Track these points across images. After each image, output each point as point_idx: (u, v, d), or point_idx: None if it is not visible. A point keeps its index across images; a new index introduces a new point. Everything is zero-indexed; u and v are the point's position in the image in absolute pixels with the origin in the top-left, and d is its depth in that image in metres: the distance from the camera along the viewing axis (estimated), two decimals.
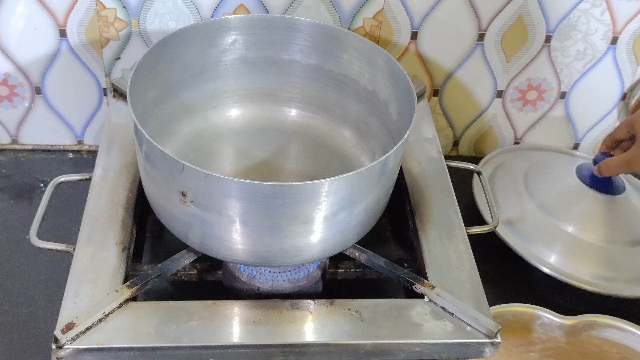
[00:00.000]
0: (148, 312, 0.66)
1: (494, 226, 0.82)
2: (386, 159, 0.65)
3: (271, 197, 0.62)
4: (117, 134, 0.85)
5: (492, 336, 0.66)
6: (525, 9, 0.95)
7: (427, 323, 0.67)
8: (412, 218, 0.79)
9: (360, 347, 0.65)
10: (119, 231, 0.73)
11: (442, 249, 0.74)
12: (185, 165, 0.61)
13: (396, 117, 0.78)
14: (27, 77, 0.97)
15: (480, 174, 0.88)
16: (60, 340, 0.62)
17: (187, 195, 0.64)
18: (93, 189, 0.77)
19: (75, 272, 0.68)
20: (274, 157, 0.86)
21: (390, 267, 0.73)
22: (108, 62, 0.96)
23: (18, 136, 1.03)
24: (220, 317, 0.66)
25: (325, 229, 0.67)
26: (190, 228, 0.68)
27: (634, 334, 0.81)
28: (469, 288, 0.70)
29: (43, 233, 0.74)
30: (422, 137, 0.89)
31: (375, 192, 0.69)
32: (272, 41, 0.84)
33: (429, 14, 0.95)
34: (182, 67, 0.81)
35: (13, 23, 0.91)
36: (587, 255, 0.89)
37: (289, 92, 0.88)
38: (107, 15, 0.92)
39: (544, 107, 1.06)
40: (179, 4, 0.91)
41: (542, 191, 0.95)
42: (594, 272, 0.88)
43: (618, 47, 1.00)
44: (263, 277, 0.74)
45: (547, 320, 0.81)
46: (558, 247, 0.90)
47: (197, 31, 0.79)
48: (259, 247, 0.67)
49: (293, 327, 0.66)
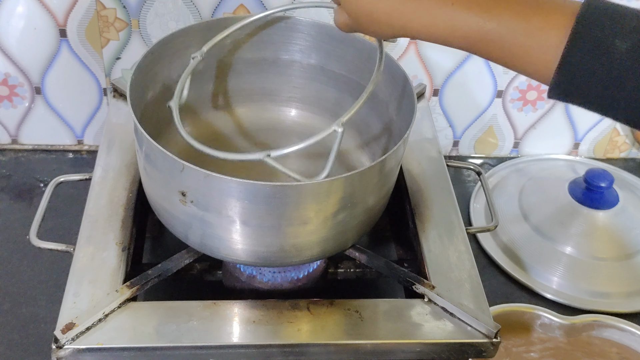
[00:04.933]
0: (148, 312, 0.66)
1: (494, 226, 0.82)
2: (386, 159, 0.65)
3: (271, 197, 0.63)
4: (117, 134, 0.85)
5: (492, 336, 0.66)
6: None
7: (427, 323, 0.67)
8: (412, 218, 0.79)
9: (360, 347, 0.65)
10: (119, 231, 0.73)
11: (442, 249, 0.74)
12: (185, 165, 0.61)
13: (396, 117, 0.78)
14: (27, 77, 0.97)
15: (481, 173, 0.88)
16: (60, 340, 0.62)
17: (187, 195, 0.64)
18: (93, 189, 0.77)
19: (75, 272, 0.68)
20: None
21: (390, 267, 0.73)
22: (108, 62, 0.96)
23: (18, 136, 1.03)
24: (220, 317, 0.66)
25: (325, 229, 0.67)
26: (190, 228, 0.68)
27: (634, 334, 0.81)
28: (469, 288, 0.70)
29: (43, 233, 0.74)
30: (422, 137, 0.89)
31: (375, 192, 0.69)
32: (272, 41, 0.84)
33: None
34: (182, 67, 0.80)
35: (13, 23, 0.91)
36: (586, 274, 0.89)
37: (289, 92, 0.88)
38: (107, 15, 0.92)
39: (544, 107, 1.06)
40: (179, 4, 0.91)
41: (537, 213, 0.95)
42: (593, 290, 0.88)
43: None
44: (263, 277, 0.74)
45: (547, 320, 0.81)
46: (559, 271, 0.90)
47: (197, 31, 0.79)
48: (259, 247, 0.67)
49: (293, 327, 0.66)
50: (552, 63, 0.49)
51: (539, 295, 0.88)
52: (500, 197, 0.99)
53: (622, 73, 0.47)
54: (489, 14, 0.52)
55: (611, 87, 0.48)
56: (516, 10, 0.51)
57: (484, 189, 0.86)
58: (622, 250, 0.92)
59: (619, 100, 0.48)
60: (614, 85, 0.48)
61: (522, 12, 0.51)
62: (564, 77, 0.50)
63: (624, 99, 0.48)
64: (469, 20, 0.53)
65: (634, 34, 0.47)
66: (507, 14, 0.52)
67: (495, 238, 0.94)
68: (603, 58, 0.48)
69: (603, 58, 0.48)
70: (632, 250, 0.92)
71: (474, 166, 0.91)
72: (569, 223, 0.93)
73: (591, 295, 0.88)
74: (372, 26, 0.59)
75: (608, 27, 0.48)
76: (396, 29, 0.57)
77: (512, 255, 0.92)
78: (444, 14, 0.53)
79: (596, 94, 0.49)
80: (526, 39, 0.51)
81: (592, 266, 0.90)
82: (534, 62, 0.51)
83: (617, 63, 0.47)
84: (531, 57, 0.51)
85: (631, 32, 0.47)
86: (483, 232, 0.92)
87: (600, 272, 0.90)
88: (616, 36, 0.47)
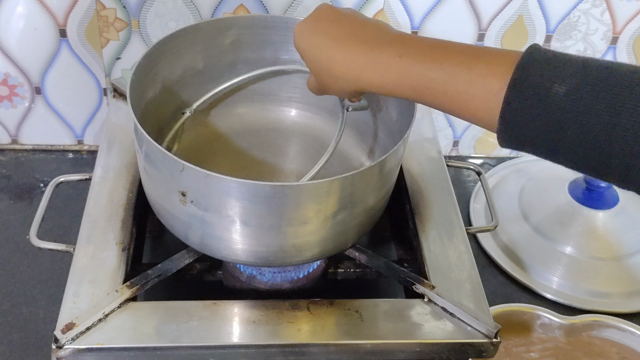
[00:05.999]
0: (148, 312, 0.66)
1: (494, 226, 0.82)
2: (386, 159, 0.65)
3: (271, 197, 0.62)
4: (117, 134, 0.85)
5: (492, 336, 0.66)
6: (526, 9, 0.95)
7: (427, 323, 0.67)
8: (412, 218, 0.79)
9: (360, 347, 0.65)
10: (119, 231, 0.73)
11: (442, 249, 0.74)
12: (185, 165, 0.61)
13: (396, 117, 0.78)
14: (27, 77, 0.97)
15: (481, 173, 0.88)
16: (60, 340, 0.62)
17: (187, 196, 0.64)
18: (93, 189, 0.77)
19: (75, 272, 0.68)
20: (274, 157, 0.86)
21: (390, 267, 0.73)
22: (108, 62, 0.96)
23: (18, 136, 1.03)
24: (220, 317, 0.66)
25: (325, 229, 0.67)
26: (190, 228, 0.68)
27: (633, 334, 0.81)
28: (469, 288, 0.70)
29: (43, 233, 0.74)
30: (422, 137, 0.89)
31: (375, 192, 0.69)
32: (272, 41, 0.84)
33: (429, 14, 0.95)
34: (182, 67, 0.81)
35: (13, 23, 0.91)
36: (586, 274, 0.89)
37: (289, 92, 0.88)
38: (107, 15, 0.92)
39: None
40: (179, 4, 0.91)
41: (537, 213, 0.95)
42: (593, 290, 0.88)
43: (618, 47, 1.00)
44: (263, 277, 0.74)
45: (547, 320, 0.81)
46: (559, 271, 0.89)
47: (197, 31, 0.79)
48: (259, 247, 0.67)
49: (293, 327, 0.66)
50: (496, 110, 0.50)
51: (539, 295, 0.88)
52: (500, 197, 0.98)
53: (561, 117, 0.48)
54: (433, 64, 0.54)
55: (552, 132, 0.48)
56: (459, 59, 0.53)
57: (484, 189, 0.86)
58: (622, 250, 0.92)
59: (562, 145, 0.49)
60: (554, 129, 0.48)
61: (465, 61, 0.53)
62: (508, 124, 0.50)
63: (566, 144, 0.48)
64: (415, 70, 0.55)
65: (572, 78, 0.48)
66: (450, 63, 0.54)
67: (495, 238, 0.94)
68: (543, 103, 0.48)
69: (543, 103, 0.48)
70: (632, 250, 0.92)
71: (474, 166, 0.91)
72: (569, 223, 0.93)
73: (591, 295, 0.88)
74: (331, 81, 0.62)
75: (547, 72, 0.49)
76: (351, 82, 0.60)
77: (512, 255, 0.92)
78: (392, 65, 0.56)
79: (541, 140, 0.50)
80: (469, 86, 0.52)
81: (592, 266, 0.90)
82: (479, 109, 0.52)
83: (557, 107, 0.48)
84: (475, 104, 0.52)
85: (570, 77, 0.48)
86: (483, 232, 0.92)
87: (600, 272, 0.90)
88: (555, 81, 0.48)
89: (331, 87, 0.64)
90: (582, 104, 0.47)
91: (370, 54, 0.58)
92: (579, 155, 0.48)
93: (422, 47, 0.56)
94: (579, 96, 0.47)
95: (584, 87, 0.47)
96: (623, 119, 0.45)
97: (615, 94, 0.46)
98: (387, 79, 0.57)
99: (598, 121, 0.46)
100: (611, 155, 0.46)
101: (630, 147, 0.45)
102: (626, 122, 0.45)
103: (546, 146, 0.50)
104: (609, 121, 0.46)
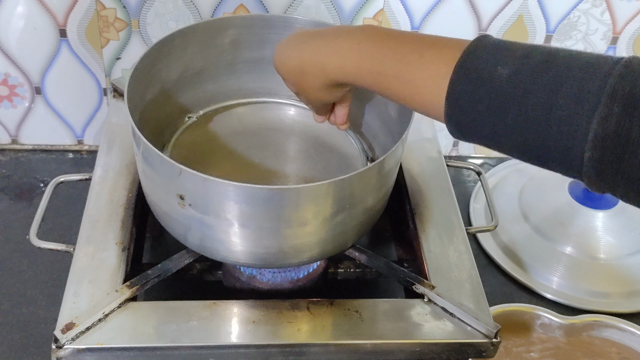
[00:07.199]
0: (148, 312, 0.66)
1: (494, 226, 0.82)
2: (385, 160, 0.65)
3: (269, 200, 0.62)
4: (117, 134, 0.85)
5: (492, 336, 0.66)
6: (525, 9, 0.95)
7: (427, 323, 0.67)
8: (412, 218, 0.79)
9: (360, 347, 0.65)
10: (119, 231, 0.73)
11: (442, 249, 0.74)
12: (182, 169, 0.61)
13: (396, 117, 0.77)
14: (27, 77, 0.97)
15: (481, 173, 0.88)
16: (60, 340, 0.62)
17: (186, 199, 0.64)
18: (93, 189, 0.77)
19: (75, 272, 0.69)
20: (273, 157, 0.86)
21: (390, 267, 0.73)
22: (108, 62, 0.96)
23: (18, 136, 1.03)
24: (220, 317, 0.66)
25: (325, 230, 0.67)
26: (189, 230, 0.68)
27: (633, 334, 0.81)
28: (469, 288, 0.70)
29: (43, 233, 0.74)
30: (422, 137, 0.89)
31: (374, 193, 0.69)
32: (272, 41, 0.83)
33: (429, 13, 0.95)
34: (181, 67, 0.81)
35: (13, 23, 0.91)
36: (586, 274, 0.89)
37: (289, 92, 0.87)
38: (107, 15, 0.92)
39: None
40: (179, 4, 0.91)
41: (537, 213, 0.95)
42: (593, 290, 0.88)
43: (618, 47, 1.00)
44: (263, 277, 0.74)
45: (547, 320, 0.81)
46: (559, 271, 0.89)
47: (197, 31, 0.79)
48: (258, 249, 0.67)
49: (293, 327, 0.66)
50: (442, 95, 0.51)
51: (539, 295, 0.88)
52: (500, 197, 0.98)
53: (503, 100, 0.48)
54: (388, 50, 0.57)
55: (495, 115, 0.49)
56: (413, 47, 0.55)
57: (484, 189, 0.86)
58: (622, 250, 0.92)
59: (503, 129, 0.49)
60: (496, 112, 0.48)
61: (418, 49, 0.55)
62: (454, 108, 0.51)
63: (508, 128, 0.48)
64: (371, 55, 0.57)
65: (516, 60, 0.48)
66: (403, 50, 0.55)
67: (495, 238, 0.94)
68: (486, 85, 0.48)
69: (486, 85, 0.48)
70: (632, 250, 0.92)
71: (474, 166, 0.91)
72: (569, 223, 0.93)
73: (591, 295, 0.88)
74: (304, 82, 0.65)
75: (492, 57, 0.49)
76: (318, 74, 0.62)
77: (512, 255, 0.92)
78: (352, 52, 0.58)
79: (484, 124, 0.50)
80: (420, 71, 0.54)
81: (592, 266, 0.90)
82: (427, 94, 0.53)
83: (499, 90, 0.48)
84: (424, 90, 0.53)
85: (514, 60, 0.48)
86: (483, 232, 0.92)
87: (600, 272, 0.90)
88: (498, 64, 0.48)
89: (305, 90, 0.66)
90: (522, 86, 0.47)
91: (333, 44, 0.60)
92: (520, 140, 0.48)
93: (380, 35, 0.58)
94: (520, 79, 0.47)
95: (525, 69, 0.47)
96: (560, 100, 0.45)
97: (555, 75, 0.46)
98: (348, 66, 0.59)
99: (537, 102, 0.46)
100: (549, 137, 0.46)
101: (567, 127, 0.45)
102: (563, 102, 0.45)
103: (489, 130, 0.50)
104: (547, 102, 0.46)
